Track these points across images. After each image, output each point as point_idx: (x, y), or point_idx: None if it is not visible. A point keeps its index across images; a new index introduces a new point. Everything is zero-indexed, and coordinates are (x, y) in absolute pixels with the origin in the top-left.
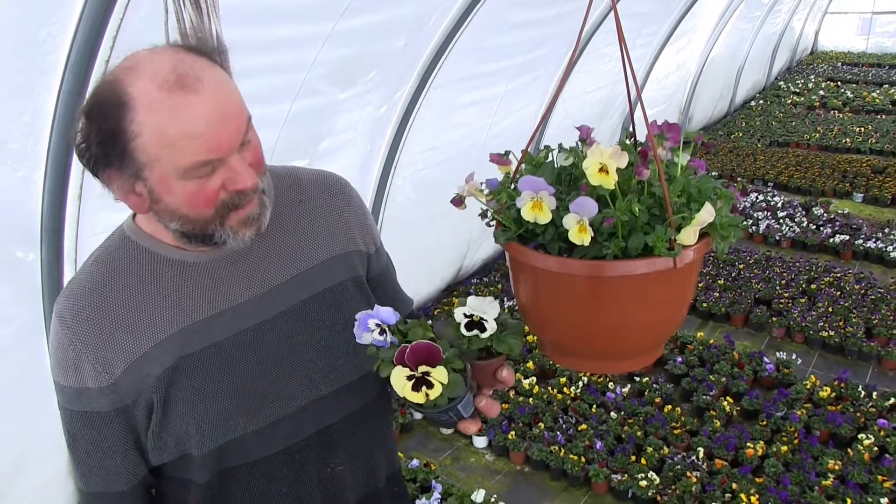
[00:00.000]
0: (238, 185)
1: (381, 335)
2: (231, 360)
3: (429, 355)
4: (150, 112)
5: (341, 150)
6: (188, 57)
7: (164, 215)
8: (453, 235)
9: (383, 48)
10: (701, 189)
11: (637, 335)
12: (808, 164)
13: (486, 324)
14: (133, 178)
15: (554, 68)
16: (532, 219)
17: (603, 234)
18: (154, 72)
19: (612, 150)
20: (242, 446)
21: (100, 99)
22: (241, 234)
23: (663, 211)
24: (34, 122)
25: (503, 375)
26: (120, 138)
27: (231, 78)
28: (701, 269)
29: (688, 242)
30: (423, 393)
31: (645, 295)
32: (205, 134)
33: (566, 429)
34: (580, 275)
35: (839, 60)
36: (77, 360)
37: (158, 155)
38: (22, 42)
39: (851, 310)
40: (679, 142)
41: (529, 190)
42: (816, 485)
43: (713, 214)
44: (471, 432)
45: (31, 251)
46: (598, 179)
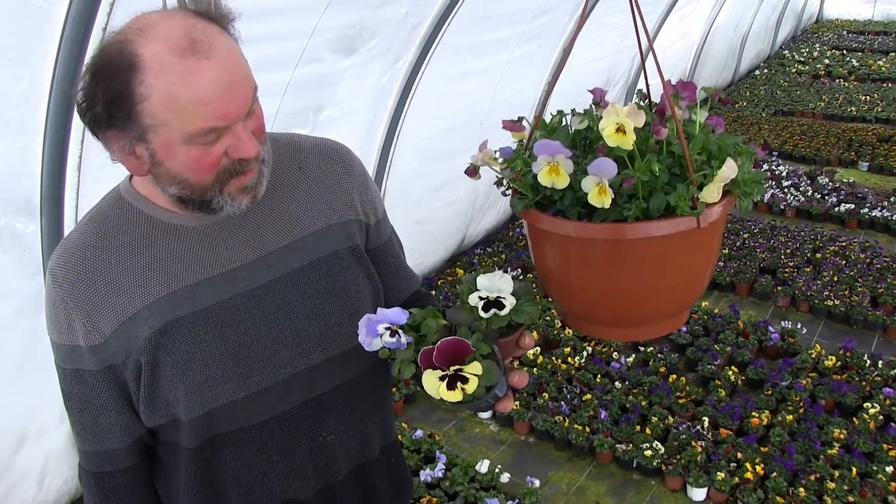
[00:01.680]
0: (241, 153)
1: (394, 337)
2: (222, 325)
3: (457, 351)
4: (161, 75)
5: (343, 119)
6: (200, 22)
7: (163, 179)
8: (456, 205)
9: (385, 16)
10: (721, 146)
11: (661, 300)
12: (812, 133)
13: (505, 300)
14: (135, 140)
15: (557, 37)
16: (549, 184)
17: (623, 196)
18: (166, 35)
19: (629, 110)
20: (231, 412)
21: (108, 59)
22: (238, 201)
23: (683, 170)
24: (31, 90)
25: (526, 343)
26: (127, 100)
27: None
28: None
29: (711, 200)
30: (460, 390)
31: (668, 257)
32: (214, 101)
33: (570, 399)
34: (601, 239)
35: (845, 29)
36: (69, 319)
37: (165, 119)
38: (18, 8)
39: (857, 279)
40: (695, 99)
41: (546, 154)
42: (822, 454)
43: (736, 170)
44: (508, 409)
45: (31, 223)
46: (616, 140)
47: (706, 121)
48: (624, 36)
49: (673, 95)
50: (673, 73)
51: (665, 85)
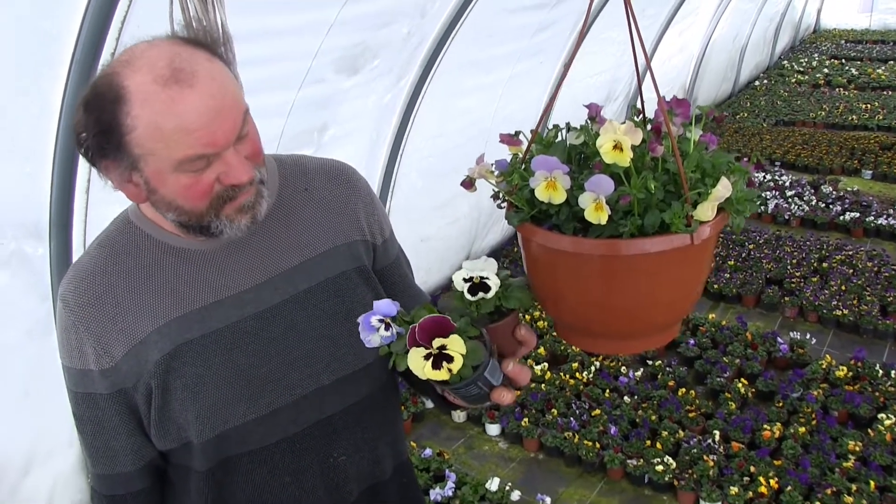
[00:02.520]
0: (233, 179)
1: (387, 330)
2: (231, 348)
3: (439, 327)
4: (145, 106)
5: (347, 138)
6: (185, 50)
7: (160, 206)
8: (461, 223)
9: (388, 36)
10: (715, 164)
11: (653, 313)
12: (814, 143)
13: (489, 282)
14: (129, 169)
15: (557, 52)
16: (546, 199)
17: (618, 212)
18: (150, 65)
19: (626, 127)
20: (242, 434)
21: (97, 92)
22: (237, 223)
23: (678, 187)
24: (41, 116)
25: (522, 334)
26: (116, 131)
27: (230, 70)
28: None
29: (705, 218)
30: (446, 369)
31: (661, 273)
32: (199, 129)
33: (580, 414)
34: (596, 254)
35: (843, 38)
36: (80, 343)
37: (153, 148)
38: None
39: (865, 287)
40: (689, 117)
41: (543, 169)
42: (837, 466)
43: (730, 189)
44: (507, 402)
45: (40, 246)
46: (613, 157)
47: (700, 138)
48: (624, 50)
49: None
50: (673, 87)
51: (660, 102)
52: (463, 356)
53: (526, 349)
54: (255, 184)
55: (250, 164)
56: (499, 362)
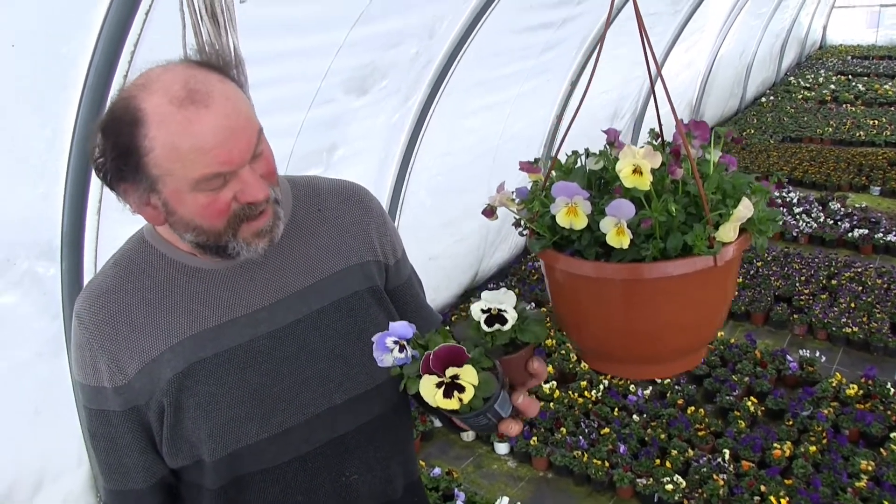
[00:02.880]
0: (249, 196)
1: (402, 352)
2: (244, 367)
3: (453, 357)
4: (162, 127)
5: (356, 157)
6: (199, 72)
7: (178, 227)
8: (469, 240)
9: (396, 56)
10: (735, 185)
11: (678, 338)
12: (822, 159)
13: (507, 314)
14: (147, 191)
15: (564, 70)
16: (568, 225)
17: (640, 235)
18: (166, 88)
19: (645, 151)
20: (255, 453)
21: (114, 116)
22: (254, 246)
23: (699, 209)
24: (55, 137)
25: (535, 367)
26: (133, 154)
27: (244, 91)
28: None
29: (728, 239)
30: (456, 398)
31: (685, 296)
32: (215, 147)
33: (588, 433)
34: (619, 279)
35: (849, 54)
36: (94, 360)
37: (170, 169)
38: (44, 58)
39: (874, 305)
40: (708, 139)
41: (564, 196)
42: (849, 486)
43: (752, 209)
44: (513, 433)
45: (51, 266)
46: (633, 181)
47: (719, 159)
48: (631, 67)
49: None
50: (680, 103)
51: (678, 124)
52: (475, 387)
53: (536, 381)
54: (272, 203)
55: (265, 182)
56: (509, 394)
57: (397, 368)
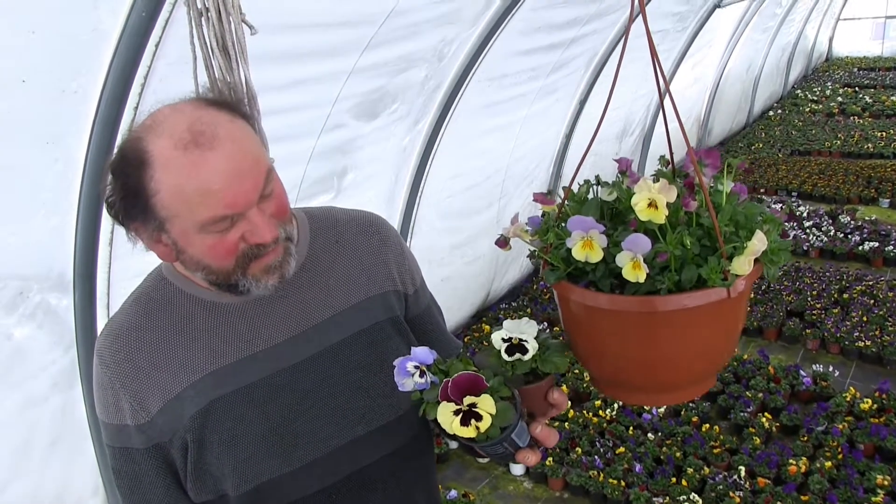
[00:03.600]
0: (257, 238)
1: (422, 377)
2: (265, 402)
3: (472, 385)
4: (167, 170)
5: (367, 182)
6: (207, 113)
7: (189, 265)
8: (480, 261)
9: (406, 80)
10: (748, 215)
11: (691, 366)
12: (831, 172)
13: (528, 344)
14: (157, 230)
15: (573, 89)
16: (583, 258)
17: (654, 268)
18: (171, 130)
19: (661, 185)
20: (278, 487)
21: (123, 157)
22: (264, 282)
23: (712, 241)
24: (66, 171)
25: (555, 398)
26: (141, 195)
27: (255, 125)
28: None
29: (742, 272)
30: (473, 426)
31: (699, 326)
32: (221, 191)
33: (604, 452)
34: (634, 311)
35: (855, 66)
36: (116, 399)
37: (177, 210)
38: (55, 94)
39: (887, 318)
40: (719, 167)
41: (579, 229)
42: (865, 501)
43: (766, 243)
44: (531, 463)
45: (64, 297)
46: (648, 215)
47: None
48: (638, 85)
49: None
50: (688, 118)
51: (691, 154)
52: (492, 416)
53: (556, 411)
54: (282, 241)
55: (275, 222)
56: (528, 423)
57: (417, 393)
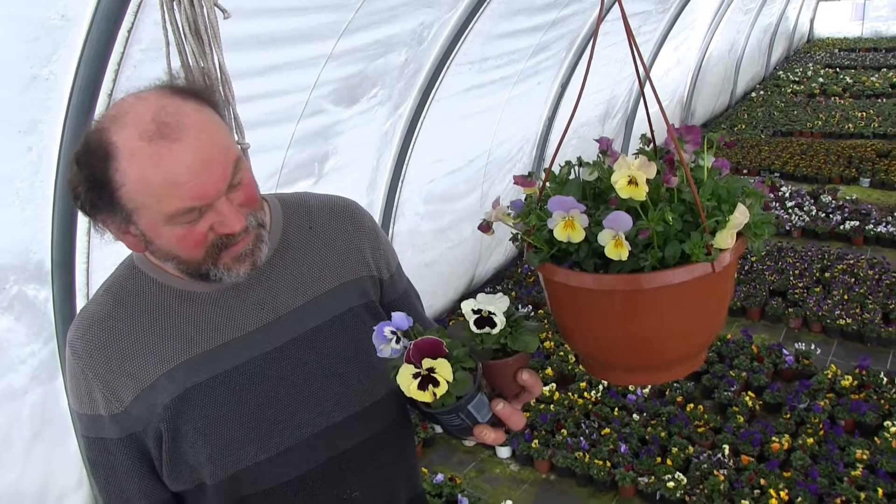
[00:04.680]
0: (226, 228)
1: (398, 343)
2: (240, 389)
3: (432, 350)
4: (132, 162)
5: (348, 167)
6: (172, 102)
7: (158, 255)
8: (464, 245)
9: (385, 64)
10: (730, 189)
11: (678, 344)
12: (812, 152)
13: (496, 318)
14: (125, 222)
15: (554, 72)
16: (565, 238)
17: (637, 245)
18: (136, 121)
19: (640, 162)
20: (255, 475)
21: (88, 148)
22: (235, 271)
23: (695, 216)
24: (40, 161)
25: (524, 378)
26: (107, 187)
27: (223, 116)
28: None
29: (725, 246)
30: (430, 392)
31: (684, 303)
32: (187, 182)
33: (589, 434)
34: (619, 289)
35: (836, 47)
36: (89, 389)
37: (144, 203)
38: (26, 80)
39: (867, 296)
40: (700, 143)
41: (560, 209)
42: (845, 476)
43: (748, 215)
44: (489, 441)
45: (43, 289)
46: (629, 192)
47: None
48: (621, 67)
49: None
50: (671, 100)
51: (671, 130)
52: (449, 383)
53: (528, 396)
54: (253, 229)
55: (245, 211)
56: (490, 399)
57: (393, 360)
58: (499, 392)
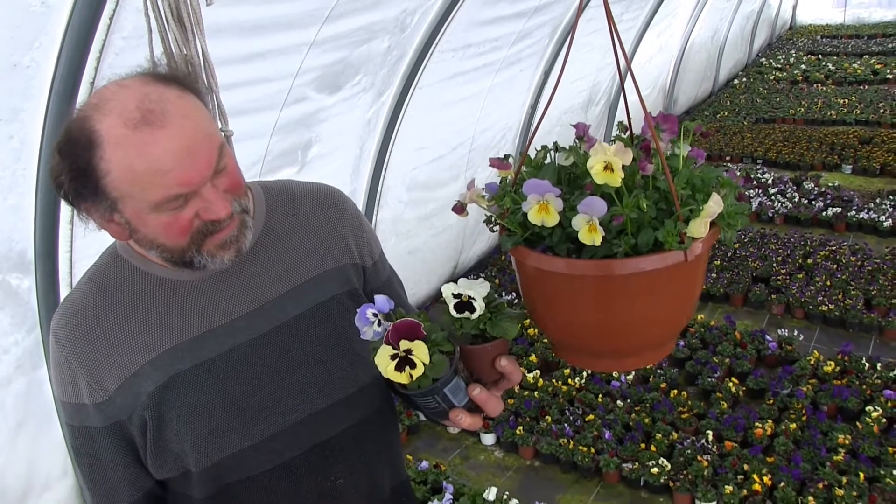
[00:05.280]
0: (211, 214)
1: (380, 326)
2: (224, 377)
3: (410, 331)
4: (117, 150)
5: (332, 155)
6: (155, 89)
7: (143, 244)
8: (447, 233)
9: (368, 51)
10: (704, 179)
11: (650, 330)
12: (795, 139)
13: (475, 303)
14: (109, 210)
15: (537, 60)
16: (539, 222)
17: (611, 231)
18: (120, 108)
19: (616, 148)
20: (239, 462)
21: (70, 137)
22: (220, 257)
23: (669, 204)
24: (22, 148)
25: (502, 365)
26: (91, 175)
27: (206, 102)
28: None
29: (698, 235)
30: (407, 373)
31: (656, 290)
32: (173, 169)
33: (573, 420)
34: (591, 275)
35: (818, 34)
36: (73, 378)
37: (129, 191)
38: (6, 68)
39: (849, 282)
40: (676, 132)
41: (535, 193)
42: (828, 460)
43: (721, 205)
44: (464, 425)
45: (26, 278)
46: (604, 178)
47: (688, 153)
48: (604, 55)
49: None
50: (654, 87)
51: (648, 119)
52: (425, 365)
53: (508, 383)
54: (237, 215)
55: (230, 197)
56: (466, 383)
57: (374, 342)
58: (477, 378)
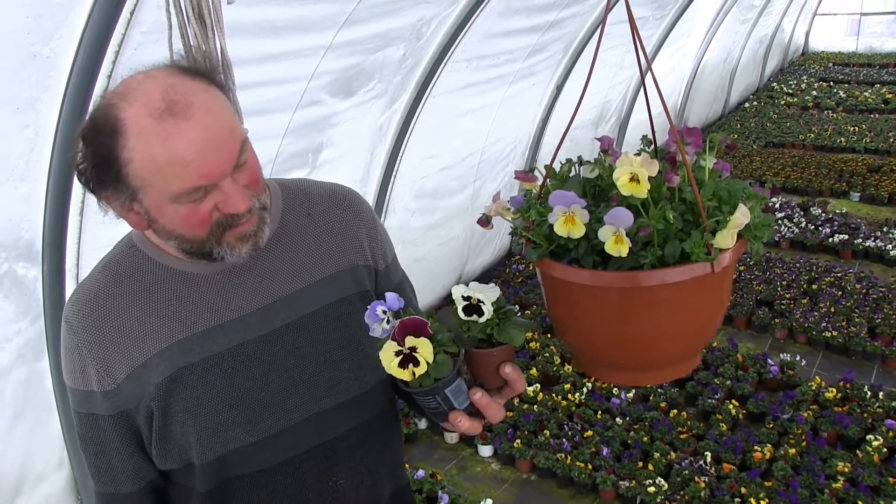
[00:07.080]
0: (231, 208)
1: (389, 324)
2: (232, 371)
3: (416, 329)
4: (141, 139)
5: (342, 159)
6: (181, 81)
7: (161, 234)
8: (453, 243)
9: (383, 58)
10: (731, 191)
11: (674, 345)
12: (804, 165)
13: (484, 307)
14: (129, 199)
15: (550, 74)
16: (565, 234)
17: (637, 243)
18: (145, 98)
19: (642, 159)
20: (243, 457)
21: (95, 124)
22: (238, 250)
23: (695, 216)
24: (36, 138)
25: (507, 371)
26: (113, 163)
27: (229, 97)
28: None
29: (725, 246)
30: (410, 371)
31: (682, 302)
32: (195, 161)
33: (572, 435)
34: (617, 286)
35: (830, 61)
36: (83, 365)
37: (150, 181)
38: (26, 58)
39: (853, 309)
40: (701, 145)
41: (561, 205)
42: (826, 487)
43: (748, 216)
44: (462, 428)
45: (33, 268)
46: (630, 189)
47: (714, 165)
48: (616, 72)
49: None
50: None
51: (674, 131)
52: (428, 364)
53: (511, 391)
54: (256, 211)
55: (249, 192)
56: (468, 387)
57: (382, 340)
58: (480, 382)
